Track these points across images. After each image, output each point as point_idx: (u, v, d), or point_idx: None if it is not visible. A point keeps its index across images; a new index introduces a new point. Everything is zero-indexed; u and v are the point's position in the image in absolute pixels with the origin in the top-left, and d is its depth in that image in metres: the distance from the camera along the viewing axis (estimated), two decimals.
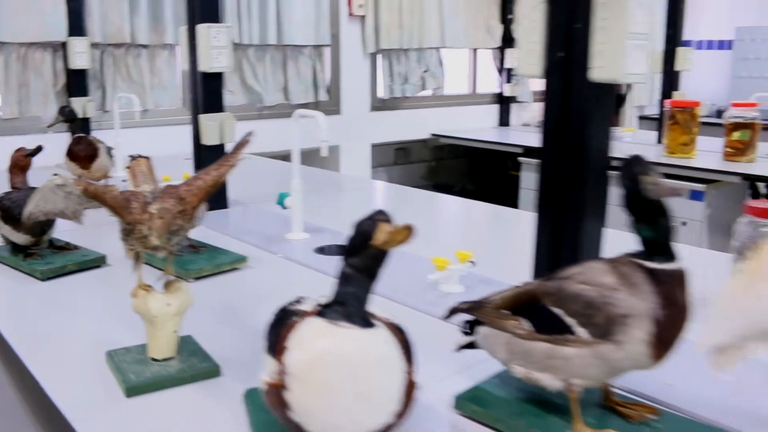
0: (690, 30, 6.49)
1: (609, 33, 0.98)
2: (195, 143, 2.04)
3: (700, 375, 0.88)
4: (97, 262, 1.50)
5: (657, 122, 4.28)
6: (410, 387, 0.64)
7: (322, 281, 1.45)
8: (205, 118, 1.98)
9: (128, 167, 1.13)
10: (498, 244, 1.85)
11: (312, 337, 0.62)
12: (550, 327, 0.77)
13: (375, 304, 0.69)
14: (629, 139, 4.13)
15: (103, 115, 3.11)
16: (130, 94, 2.69)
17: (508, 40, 4.64)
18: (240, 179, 2.48)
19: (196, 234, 1.65)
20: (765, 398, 0.93)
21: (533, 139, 4.09)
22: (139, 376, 0.96)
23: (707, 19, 6.38)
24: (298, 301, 0.73)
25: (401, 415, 0.64)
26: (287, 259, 1.57)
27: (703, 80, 6.49)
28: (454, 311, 0.90)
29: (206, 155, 2.01)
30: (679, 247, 0.75)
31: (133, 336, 1.07)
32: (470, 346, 0.89)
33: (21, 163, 1.53)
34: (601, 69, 0.99)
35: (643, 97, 5.86)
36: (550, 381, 0.78)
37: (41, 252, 1.49)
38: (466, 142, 4.28)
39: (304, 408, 0.62)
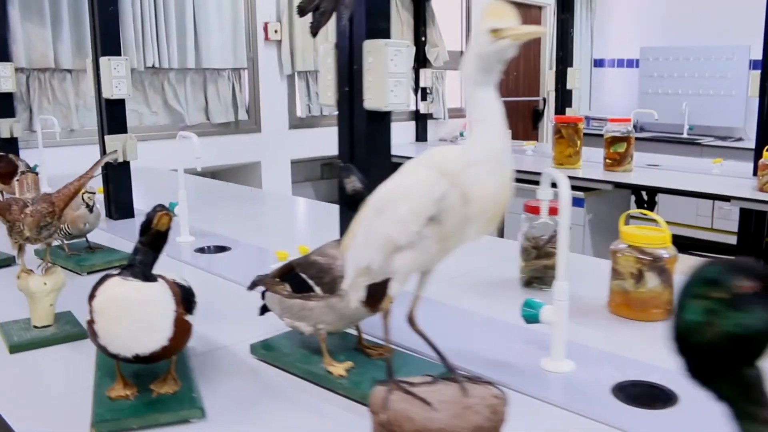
0: (601, 49, 7.04)
1: (374, 73, 1.32)
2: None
3: (434, 325, 1.22)
4: (7, 261, 1.78)
5: None
6: (180, 322, 0.96)
7: (192, 273, 1.77)
8: (109, 139, 2.28)
9: (17, 180, 1.43)
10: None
11: (109, 287, 0.94)
12: (300, 287, 1.10)
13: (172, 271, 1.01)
14: (530, 152, 4.53)
15: (30, 134, 3.36)
16: (49, 116, 2.96)
17: (422, 61, 5.03)
18: (151, 192, 2.77)
19: (101, 239, 1.95)
20: (482, 344, 1.28)
21: None
22: (21, 338, 1.26)
23: (616, 40, 6.89)
24: (115, 270, 1.04)
25: (174, 340, 0.95)
26: (168, 257, 1.88)
27: (613, 96, 7.01)
28: (253, 284, 1.22)
29: (112, 171, 2.31)
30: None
31: (25, 312, 1.36)
32: (266, 308, 1.21)
33: None
34: (370, 100, 1.34)
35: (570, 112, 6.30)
36: (304, 327, 1.11)
37: None
38: None
39: (105, 334, 0.93)
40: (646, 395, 1.08)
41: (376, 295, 1.02)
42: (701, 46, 6.19)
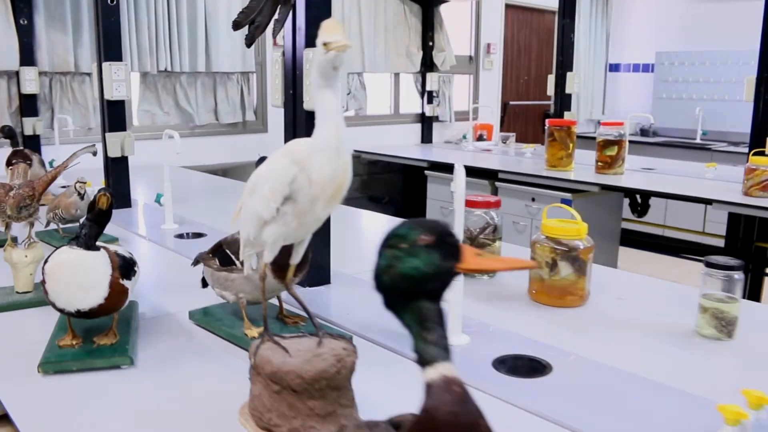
0: (618, 54, 7.10)
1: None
2: (104, 155, 2.56)
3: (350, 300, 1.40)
4: None
5: (582, 140, 4.77)
6: (115, 285, 1.15)
7: (164, 254, 1.98)
8: (109, 136, 2.51)
9: (10, 169, 1.66)
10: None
11: (57, 254, 1.15)
12: (225, 262, 1.29)
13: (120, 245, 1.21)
14: (528, 155, 4.66)
15: (52, 132, 3.63)
16: (65, 116, 3.21)
17: (428, 65, 5.20)
18: (154, 185, 2.97)
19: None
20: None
21: (450, 155, 4.65)
22: (4, 300, 1.47)
23: (631, 45, 6.95)
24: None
25: (109, 299, 1.15)
26: (150, 241, 2.09)
27: (628, 100, 7.07)
28: (195, 261, 1.41)
29: (112, 165, 2.54)
30: None
31: (9, 281, 1.58)
32: (206, 281, 1.41)
33: None
34: (308, 102, 1.52)
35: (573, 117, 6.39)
36: (228, 296, 1.30)
37: None
38: (382, 157, 4.83)
39: (52, 292, 1.14)
40: (524, 367, 1.23)
41: (284, 267, 1.19)
42: (716, 50, 6.23)
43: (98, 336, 1.22)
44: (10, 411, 1.04)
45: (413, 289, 0.59)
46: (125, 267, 1.21)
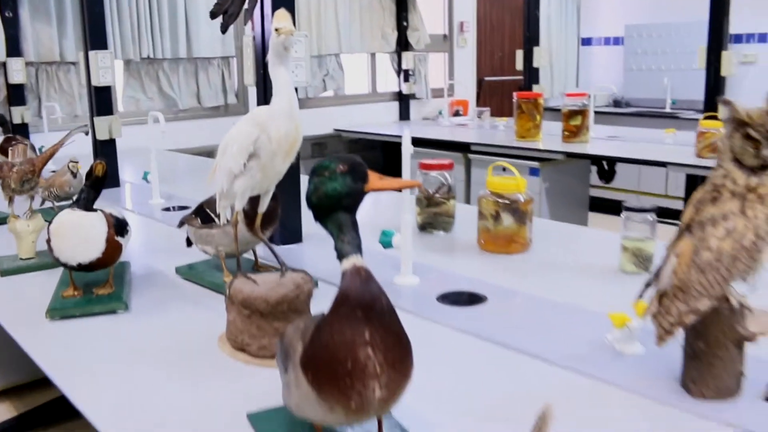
0: (589, 28, 7.29)
1: None
2: (93, 138, 2.74)
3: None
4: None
5: (556, 113, 4.97)
6: (111, 241, 1.35)
7: (150, 224, 2.17)
8: (97, 120, 2.68)
9: (11, 149, 1.84)
10: None
11: (61, 215, 1.34)
12: (206, 220, 1.48)
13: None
14: (501, 127, 4.85)
15: (39, 120, 3.79)
16: (52, 104, 3.38)
17: (403, 45, 5.37)
18: (142, 166, 3.14)
19: None
20: None
21: (427, 130, 4.82)
22: (10, 265, 1.66)
23: (602, 19, 7.14)
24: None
25: (106, 254, 1.34)
26: (139, 214, 2.28)
27: (600, 73, 7.27)
28: (180, 223, 1.60)
29: (100, 146, 2.72)
30: None
31: (14, 249, 1.77)
32: (190, 240, 1.60)
33: None
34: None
35: (546, 90, 6.58)
36: (209, 249, 1.50)
37: None
38: (362, 135, 5.01)
39: (56, 248, 1.33)
40: (464, 300, 1.44)
41: (253, 218, 1.39)
42: (683, 22, 6.42)
43: (96, 288, 1.42)
44: (28, 351, 1.24)
45: (333, 204, 0.79)
46: (119, 226, 1.40)
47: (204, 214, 1.49)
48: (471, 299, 1.43)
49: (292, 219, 1.85)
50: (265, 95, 1.77)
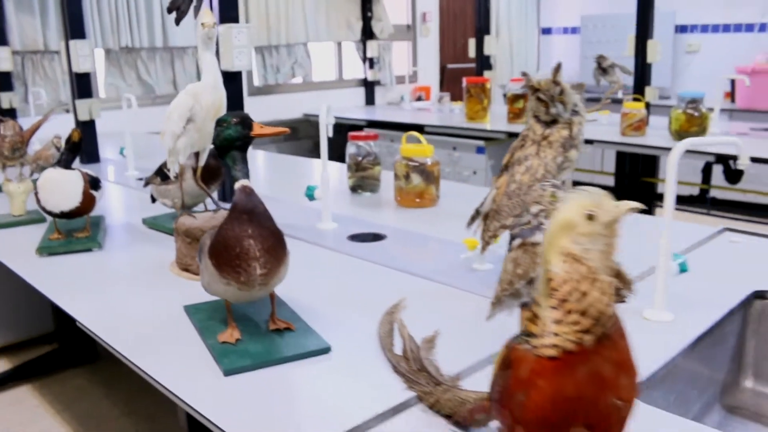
0: (549, 18, 7.67)
1: (225, 45, 2.05)
2: (75, 119, 3.08)
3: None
4: None
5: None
6: (86, 194, 1.71)
7: (127, 191, 2.53)
8: (78, 103, 3.03)
9: (2, 124, 2.19)
10: (287, 177, 2.94)
11: (46, 173, 1.70)
12: (164, 177, 1.85)
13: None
14: (457, 111, 5.22)
15: (26, 105, 4.12)
16: (39, 89, 3.72)
17: (368, 34, 5.72)
18: (118, 146, 3.48)
19: None
20: (290, 215, 2.03)
21: (390, 114, 5.17)
22: (3, 221, 2.02)
23: (560, 10, 7.53)
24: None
25: (83, 204, 1.70)
26: (115, 183, 2.64)
27: (560, 61, 7.65)
28: (145, 182, 1.97)
29: (82, 127, 3.06)
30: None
31: (7, 209, 2.12)
32: (153, 197, 1.96)
33: None
34: (226, 62, 2.06)
35: (505, 76, 6.95)
36: (168, 202, 1.86)
37: None
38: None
39: (43, 199, 1.69)
40: (368, 238, 1.82)
41: (205, 179, 1.75)
42: (632, 13, 6.80)
43: (76, 232, 1.78)
44: (26, 278, 1.59)
45: (229, 145, 1.15)
46: (93, 182, 1.76)
47: (163, 174, 1.85)
48: (374, 238, 1.81)
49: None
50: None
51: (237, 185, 1.11)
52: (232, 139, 1.14)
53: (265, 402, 0.97)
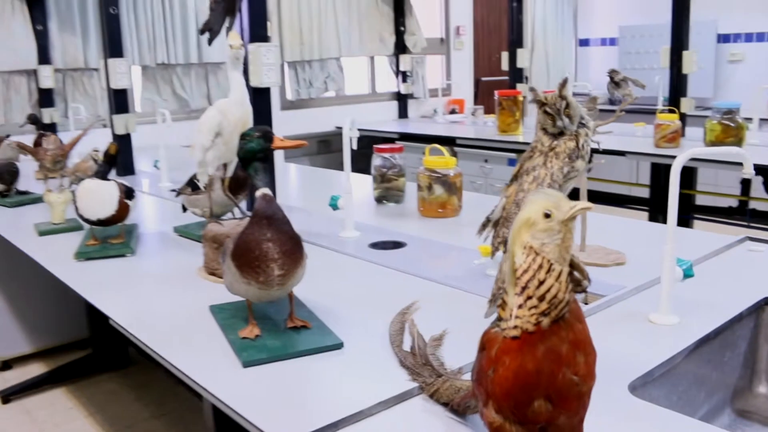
0: (586, 30, 7.65)
1: (254, 63, 2.12)
2: (112, 133, 3.21)
3: None
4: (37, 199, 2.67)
5: None
6: (122, 203, 1.79)
7: (159, 201, 2.62)
8: (115, 117, 3.15)
9: (44, 138, 2.30)
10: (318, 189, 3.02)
11: (84, 183, 1.79)
12: (195, 188, 1.92)
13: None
14: (490, 123, 5.25)
15: (66, 121, 4.28)
16: (78, 105, 3.87)
17: (401, 48, 5.80)
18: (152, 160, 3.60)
19: None
20: (315, 224, 2.08)
21: (424, 127, 5.26)
22: (46, 228, 2.12)
23: (598, 21, 7.51)
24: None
25: (118, 212, 1.78)
26: (149, 194, 2.74)
27: (597, 73, 7.62)
28: (177, 192, 2.05)
29: (118, 141, 3.18)
30: None
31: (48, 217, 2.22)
32: (184, 207, 2.04)
33: None
34: (255, 79, 2.14)
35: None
36: (198, 211, 1.93)
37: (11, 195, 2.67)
38: (363, 132, 5.42)
39: (81, 208, 1.77)
40: (389, 245, 1.86)
41: (233, 189, 1.83)
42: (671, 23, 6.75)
43: (111, 238, 1.87)
44: (64, 280, 1.67)
45: (252, 157, 1.22)
46: (128, 191, 1.85)
47: (193, 184, 1.93)
48: (394, 245, 1.86)
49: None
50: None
51: (258, 193, 1.17)
52: (255, 152, 1.21)
53: (279, 391, 1.04)
